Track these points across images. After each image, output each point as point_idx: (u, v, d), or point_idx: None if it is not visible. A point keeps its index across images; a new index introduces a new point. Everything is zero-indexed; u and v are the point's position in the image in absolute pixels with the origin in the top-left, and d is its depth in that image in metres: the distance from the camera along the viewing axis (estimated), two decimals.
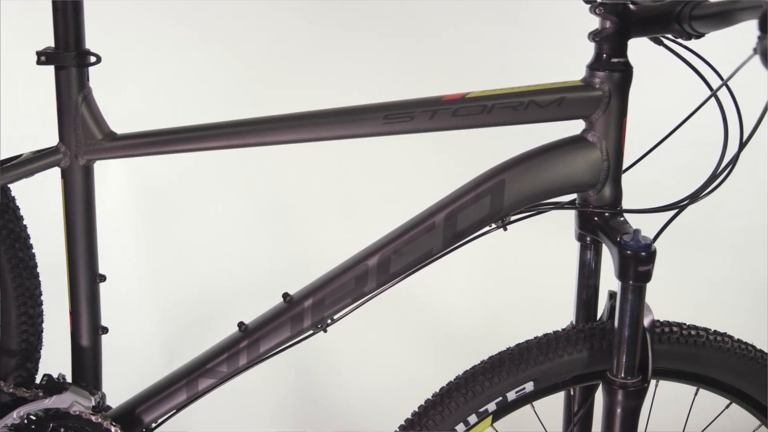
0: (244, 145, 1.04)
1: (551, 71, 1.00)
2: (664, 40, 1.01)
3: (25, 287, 1.16)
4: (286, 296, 1.07)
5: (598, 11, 0.95)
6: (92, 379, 1.15)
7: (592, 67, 0.97)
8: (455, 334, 2.05)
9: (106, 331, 1.16)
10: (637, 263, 0.94)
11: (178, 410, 1.13)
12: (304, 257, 2.01)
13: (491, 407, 1.06)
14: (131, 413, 1.12)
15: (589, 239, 1.05)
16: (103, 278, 1.15)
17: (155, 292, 2.09)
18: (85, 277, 1.12)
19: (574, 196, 1.04)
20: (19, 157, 1.10)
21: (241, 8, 1.96)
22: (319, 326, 1.06)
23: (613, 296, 1.05)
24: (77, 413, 1.09)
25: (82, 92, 1.07)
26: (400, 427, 1.09)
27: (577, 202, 1.04)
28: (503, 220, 1.01)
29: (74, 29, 1.05)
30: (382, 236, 1.04)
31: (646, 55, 1.05)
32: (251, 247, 2.08)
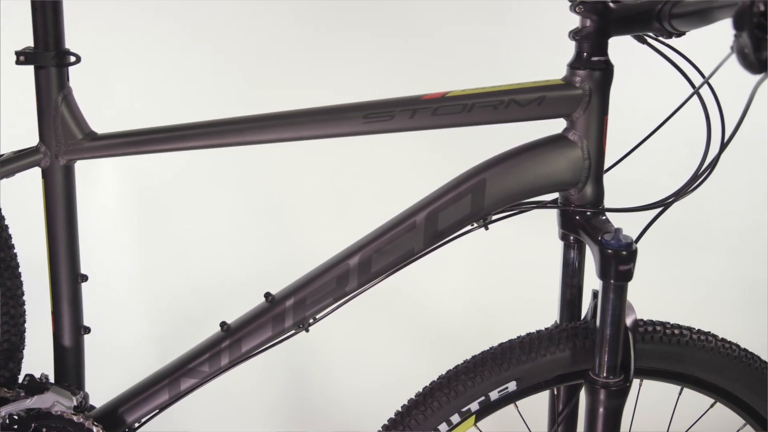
0: (224, 144, 1.04)
1: (544, 70, 1.00)
2: (647, 38, 1.01)
3: (6, 287, 1.16)
4: (267, 296, 1.07)
5: (578, 10, 0.94)
6: (75, 379, 1.15)
7: (572, 65, 0.97)
8: (447, 333, 2.04)
9: (88, 331, 1.16)
10: (618, 262, 0.94)
11: (160, 410, 1.13)
12: (297, 257, 2.00)
13: (474, 407, 1.05)
14: (114, 413, 1.12)
15: (572, 238, 1.05)
16: (84, 278, 1.14)
17: (148, 291, 2.09)
18: (66, 277, 1.12)
19: (556, 195, 1.03)
20: None
21: (233, 8, 1.96)
22: (300, 326, 1.06)
23: (596, 295, 1.05)
24: (59, 413, 1.09)
25: (61, 92, 1.07)
26: (383, 426, 1.09)
27: (558, 201, 1.03)
28: (484, 219, 1.01)
29: (53, 29, 1.05)
30: (363, 236, 1.04)
31: (632, 53, 1.05)
32: (244, 246, 2.08)
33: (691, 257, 2.07)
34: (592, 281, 1.07)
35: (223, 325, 1.09)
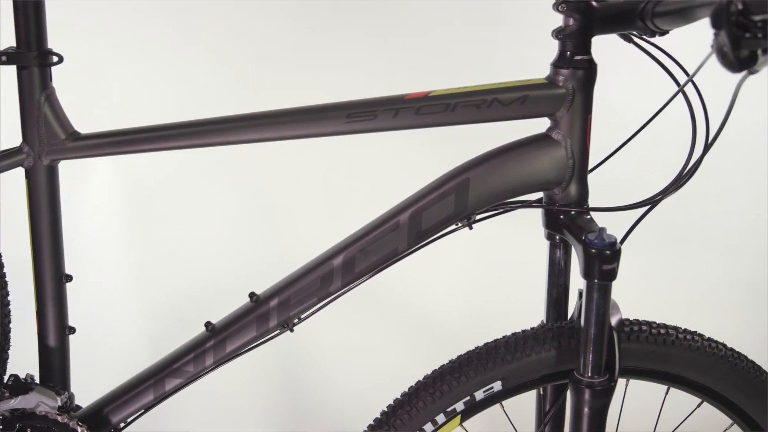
0: (207, 144, 1.04)
1: (539, 70, 0.99)
2: (633, 37, 1.00)
3: None
4: (252, 296, 1.06)
5: (560, 9, 0.94)
6: (60, 379, 1.15)
7: (555, 64, 0.96)
8: (441, 333, 2.04)
9: (73, 331, 1.16)
10: (601, 262, 0.93)
11: (146, 410, 1.13)
12: (289, 257, 1.99)
13: (459, 407, 1.05)
14: (99, 413, 1.12)
15: (557, 238, 1.05)
16: (69, 278, 1.14)
17: (140, 290, 2.09)
18: (50, 277, 1.11)
19: (540, 194, 1.03)
20: None
21: (225, 8, 1.96)
22: (285, 326, 1.06)
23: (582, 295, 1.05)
24: (43, 413, 1.09)
25: (44, 92, 1.07)
26: (368, 426, 1.09)
27: (543, 200, 1.03)
28: (468, 219, 1.01)
29: (36, 29, 1.05)
30: (347, 235, 1.03)
31: (620, 52, 1.04)
32: (236, 246, 2.08)
33: (688, 257, 2.06)
34: (579, 281, 1.07)
35: (208, 325, 1.08)
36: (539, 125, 1.00)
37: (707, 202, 1.98)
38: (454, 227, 1.02)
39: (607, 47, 1.01)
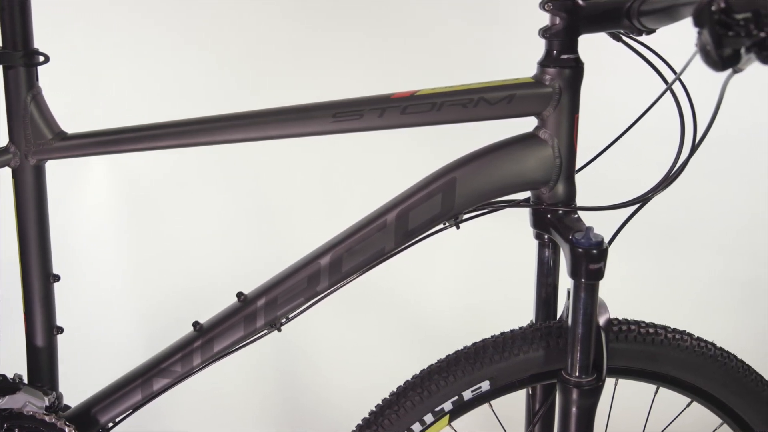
0: (193, 144, 1.03)
1: (535, 69, 0.99)
2: (621, 35, 1.00)
3: None
4: (240, 295, 1.06)
5: (546, 7, 0.94)
6: (48, 379, 1.15)
7: (542, 63, 0.96)
8: (437, 332, 2.04)
9: (61, 331, 1.15)
10: (588, 261, 0.93)
11: (134, 410, 1.13)
12: (286, 256, 1.99)
13: (447, 406, 1.05)
14: (87, 413, 1.12)
15: (546, 237, 1.04)
16: (57, 278, 1.14)
17: (136, 290, 2.09)
18: (38, 277, 1.11)
19: (528, 193, 1.03)
20: None
21: (222, 7, 1.95)
22: (272, 326, 1.06)
23: None
24: (30, 413, 1.08)
25: (30, 92, 1.06)
26: (357, 426, 1.08)
27: (530, 199, 1.03)
28: (455, 218, 1.00)
29: (21, 29, 1.04)
30: (334, 235, 1.03)
31: (609, 51, 1.04)
32: (233, 246, 2.08)
33: (684, 257, 2.06)
34: (568, 280, 1.07)
35: (195, 324, 1.08)
36: (526, 124, 1.00)
37: (703, 202, 1.98)
38: (441, 227, 1.01)
39: (594, 46, 1.01)
